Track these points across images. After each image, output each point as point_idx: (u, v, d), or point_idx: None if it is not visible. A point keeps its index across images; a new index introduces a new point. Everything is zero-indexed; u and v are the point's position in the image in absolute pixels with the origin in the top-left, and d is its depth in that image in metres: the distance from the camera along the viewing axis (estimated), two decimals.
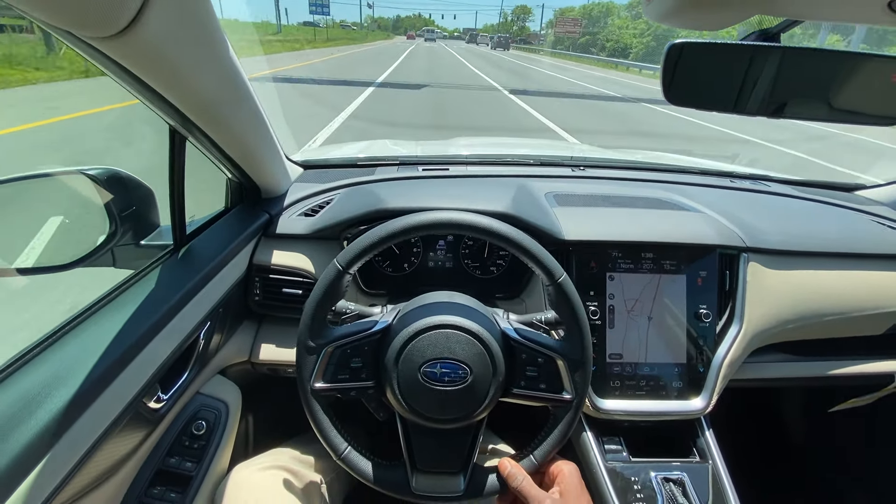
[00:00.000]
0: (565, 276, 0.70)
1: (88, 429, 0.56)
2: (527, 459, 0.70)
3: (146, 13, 0.44)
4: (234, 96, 0.70)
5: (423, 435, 0.68)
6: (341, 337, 0.69)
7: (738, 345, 0.94)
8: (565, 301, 0.69)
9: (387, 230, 0.68)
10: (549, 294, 0.72)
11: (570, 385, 0.69)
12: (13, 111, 6.10)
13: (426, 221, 0.69)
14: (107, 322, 0.65)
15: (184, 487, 0.77)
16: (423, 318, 0.67)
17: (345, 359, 0.68)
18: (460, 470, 0.69)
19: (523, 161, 1.34)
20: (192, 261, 0.82)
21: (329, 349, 0.68)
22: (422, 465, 0.69)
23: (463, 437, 0.69)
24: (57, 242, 0.85)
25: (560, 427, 0.70)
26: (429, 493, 0.68)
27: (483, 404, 0.65)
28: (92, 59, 0.48)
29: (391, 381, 0.65)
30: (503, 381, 0.67)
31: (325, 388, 0.68)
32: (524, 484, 0.67)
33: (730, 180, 1.35)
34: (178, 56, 0.53)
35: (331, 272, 0.68)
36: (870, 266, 1.06)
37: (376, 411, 0.76)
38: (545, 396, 0.70)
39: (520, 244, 0.69)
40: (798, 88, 0.67)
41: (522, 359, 0.69)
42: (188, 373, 0.78)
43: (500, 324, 0.71)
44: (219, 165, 0.89)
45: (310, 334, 0.68)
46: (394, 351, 0.65)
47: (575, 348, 0.70)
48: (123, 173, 0.85)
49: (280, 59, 17.77)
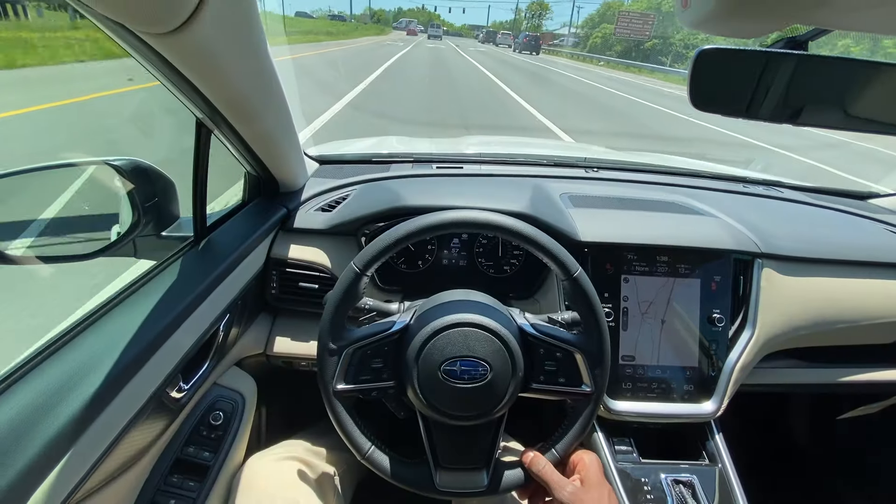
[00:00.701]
0: (581, 270, 0.70)
1: (115, 418, 0.57)
2: (549, 453, 0.70)
3: (202, 12, 0.44)
4: (266, 93, 0.71)
5: (444, 432, 0.69)
6: (361, 338, 0.69)
7: (750, 350, 0.95)
8: (582, 295, 0.70)
9: (403, 231, 0.69)
10: (565, 289, 0.72)
11: (590, 378, 0.70)
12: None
13: (441, 221, 0.69)
14: (131, 313, 0.66)
15: (201, 477, 0.78)
16: (441, 317, 0.67)
17: (365, 360, 0.69)
18: (483, 465, 0.70)
19: (537, 161, 1.35)
20: (212, 253, 0.83)
21: (349, 351, 0.68)
22: (444, 461, 0.69)
23: (485, 433, 0.70)
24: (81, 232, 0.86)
25: (581, 420, 0.71)
26: (453, 488, 0.69)
27: (503, 400, 0.66)
28: (138, 54, 0.49)
29: (412, 381, 0.66)
30: (522, 377, 0.67)
31: (346, 389, 0.68)
32: (545, 469, 0.67)
33: (743, 185, 1.35)
34: (224, 54, 0.54)
35: (349, 275, 0.69)
36: (882, 275, 1.07)
37: (397, 410, 0.76)
38: (565, 390, 0.70)
39: (535, 240, 0.69)
40: (815, 94, 0.67)
41: (541, 354, 0.70)
42: (208, 364, 0.79)
43: (517, 320, 0.72)
44: (239, 159, 0.90)
45: (330, 336, 0.68)
46: (413, 350, 0.66)
47: (593, 342, 0.70)
48: (146, 164, 0.86)
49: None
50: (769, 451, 1.56)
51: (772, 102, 0.66)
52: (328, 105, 7.28)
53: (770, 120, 0.69)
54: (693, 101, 0.65)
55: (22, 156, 3.55)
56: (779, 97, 0.65)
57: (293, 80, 8.92)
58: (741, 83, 0.67)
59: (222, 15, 0.48)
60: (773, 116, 0.67)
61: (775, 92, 0.65)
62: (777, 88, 0.65)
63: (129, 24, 0.42)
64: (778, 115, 0.67)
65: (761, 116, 0.67)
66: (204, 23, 0.46)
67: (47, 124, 4.79)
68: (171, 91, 0.61)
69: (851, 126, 0.69)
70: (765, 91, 0.65)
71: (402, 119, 7.39)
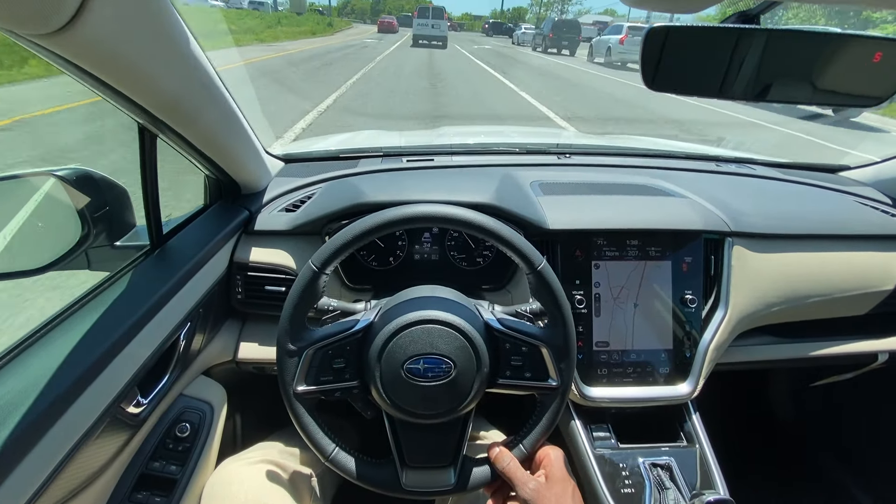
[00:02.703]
0: (545, 263, 0.69)
1: (63, 436, 0.55)
2: (516, 448, 0.70)
3: (89, 7, 0.41)
4: (201, 91, 0.68)
5: (410, 431, 0.68)
6: (322, 338, 0.68)
7: (724, 329, 0.95)
8: (546, 288, 0.69)
9: (360, 228, 0.67)
10: (530, 282, 0.71)
11: (556, 372, 0.69)
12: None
13: (400, 216, 0.67)
14: (80, 326, 0.63)
15: (168, 491, 0.76)
16: (405, 314, 0.66)
17: (327, 360, 0.68)
18: (450, 463, 0.69)
19: (509, 150, 1.33)
20: (169, 261, 0.80)
21: (310, 352, 0.67)
22: (411, 461, 0.68)
23: (451, 431, 0.69)
24: (28, 246, 0.83)
25: (548, 415, 0.70)
26: (420, 488, 0.68)
27: (468, 397, 0.65)
28: (41, 55, 0.46)
29: (375, 380, 0.65)
30: (488, 373, 0.67)
31: (308, 391, 0.67)
32: (510, 466, 0.67)
33: (715, 164, 1.34)
34: (133, 52, 0.51)
35: (306, 274, 0.67)
36: (854, 247, 1.07)
37: (363, 410, 0.75)
38: (531, 385, 0.70)
39: (497, 233, 0.68)
40: (782, 70, 0.66)
41: (507, 349, 0.69)
42: (169, 375, 0.77)
43: (483, 315, 0.71)
44: (194, 162, 0.87)
45: (289, 337, 0.67)
46: (376, 349, 0.65)
47: (558, 335, 0.69)
48: (95, 173, 0.82)
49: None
50: (747, 430, 1.58)
51: (742, 80, 0.65)
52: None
53: (739, 98, 0.68)
54: (647, 81, 0.64)
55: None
56: (748, 74, 0.64)
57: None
58: (706, 61, 0.66)
59: (116, 8, 0.45)
60: (744, 94, 0.67)
61: (745, 69, 0.64)
62: (746, 65, 0.64)
63: (12, 28, 0.39)
64: (748, 92, 0.67)
65: (731, 95, 0.66)
66: (94, 18, 0.43)
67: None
68: (100, 96, 0.58)
69: (819, 99, 0.69)
70: (736, 69, 0.64)
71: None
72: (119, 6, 0.45)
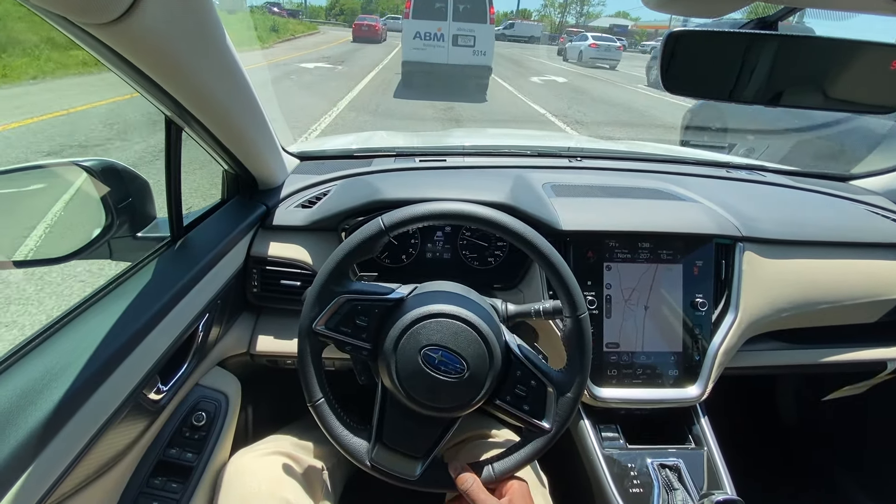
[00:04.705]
0: (587, 314, 0.70)
1: (88, 421, 0.57)
2: (486, 469, 0.69)
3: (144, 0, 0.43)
4: (231, 86, 0.70)
5: (397, 411, 0.69)
6: (357, 292, 0.69)
7: (734, 333, 0.95)
8: (580, 337, 0.69)
9: (435, 208, 0.69)
10: (564, 326, 0.71)
11: (553, 416, 0.69)
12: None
13: (481, 215, 0.68)
14: (105, 314, 0.65)
15: (185, 478, 0.78)
16: (442, 304, 0.67)
17: (352, 314, 0.69)
18: (421, 456, 0.69)
19: (520, 152, 1.34)
20: (189, 253, 0.82)
21: (342, 299, 0.68)
22: (387, 439, 0.69)
23: (434, 428, 0.69)
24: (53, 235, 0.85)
25: (529, 450, 0.70)
26: (384, 467, 0.68)
27: (467, 403, 0.66)
28: (87, 46, 0.48)
29: (389, 350, 0.65)
30: (491, 390, 0.67)
31: (324, 332, 0.68)
32: (473, 487, 0.67)
33: (725, 171, 1.35)
34: (177, 44, 0.52)
35: (373, 227, 0.68)
36: (864, 255, 1.07)
37: (359, 374, 0.75)
38: (525, 419, 0.69)
39: (556, 268, 0.69)
40: (795, 76, 0.66)
41: (517, 376, 0.69)
42: (187, 364, 0.78)
43: (505, 336, 0.71)
44: (215, 157, 0.88)
45: (331, 278, 0.68)
46: (403, 324, 0.65)
47: (570, 384, 0.70)
48: (119, 164, 0.84)
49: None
50: (755, 434, 1.58)
51: (754, 85, 0.65)
52: None
53: (751, 102, 0.68)
54: (666, 84, 0.65)
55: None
56: (761, 79, 0.65)
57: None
58: (720, 65, 0.67)
59: (169, 1, 0.47)
60: (755, 99, 0.67)
61: (758, 74, 0.64)
62: (759, 70, 0.64)
63: (70, 16, 0.41)
64: (760, 97, 0.67)
65: (743, 99, 0.67)
66: (148, 10, 0.45)
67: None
68: (135, 88, 0.60)
69: (832, 106, 0.69)
70: (748, 74, 0.65)
71: None
72: (169, 1, 0.47)
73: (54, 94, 6.56)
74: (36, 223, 0.82)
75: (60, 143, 4.53)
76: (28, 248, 0.83)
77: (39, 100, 6.17)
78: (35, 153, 4.21)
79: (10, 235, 0.81)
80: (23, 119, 5.15)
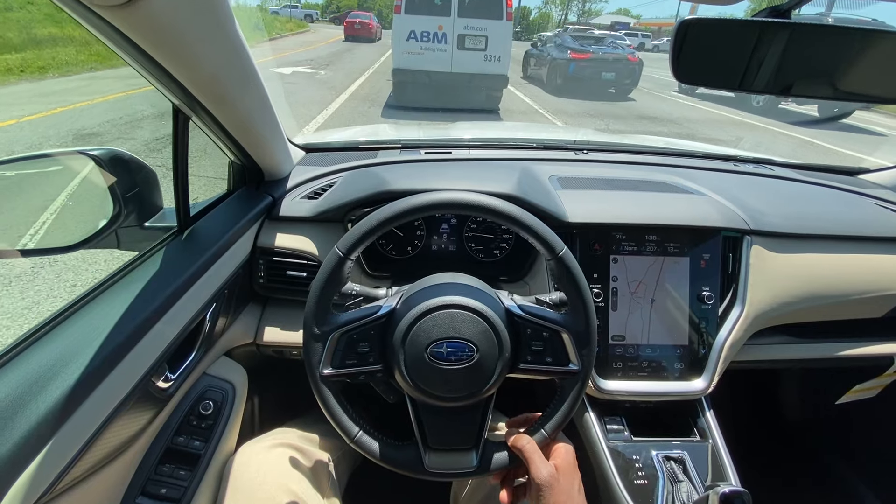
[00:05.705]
0: (566, 249, 0.69)
1: (98, 407, 0.57)
2: (538, 433, 0.70)
3: None
4: (240, 75, 0.69)
5: (433, 414, 0.69)
6: (347, 323, 0.69)
7: (740, 327, 0.95)
8: (567, 274, 0.69)
9: (387, 213, 0.68)
10: (550, 269, 0.71)
11: (577, 357, 0.70)
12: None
13: (425, 202, 0.68)
14: (113, 303, 0.65)
15: (192, 466, 0.78)
16: (428, 300, 0.67)
17: (352, 344, 0.69)
18: (472, 446, 0.70)
19: (527, 145, 1.34)
20: (196, 243, 0.82)
21: (335, 335, 0.68)
22: (434, 443, 0.69)
23: (473, 414, 0.69)
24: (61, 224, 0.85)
25: (569, 399, 0.70)
26: (442, 469, 0.69)
27: (490, 381, 0.66)
28: (98, 31, 0.48)
29: (399, 363, 0.66)
30: (509, 358, 0.67)
31: (333, 373, 0.68)
32: (528, 446, 0.67)
33: (733, 164, 1.34)
34: (186, 30, 0.52)
35: (332, 259, 0.68)
36: (872, 249, 1.07)
37: (386, 394, 0.76)
38: (552, 370, 0.70)
39: (520, 220, 0.68)
40: (808, 65, 0.65)
41: (528, 334, 0.70)
42: (195, 353, 0.79)
43: (503, 301, 0.71)
44: (222, 147, 0.88)
45: (316, 321, 0.68)
46: (400, 333, 0.66)
47: (579, 321, 0.70)
48: (125, 154, 0.84)
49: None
50: (760, 427, 1.58)
51: (766, 74, 0.64)
52: None
53: (762, 92, 0.68)
54: (676, 73, 0.64)
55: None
56: (772, 68, 0.64)
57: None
58: (731, 55, 0.66)
59: None
60: (766, 88, 0.66)
61: (768, 63, 0.63)
62: (770, 59, 0.63)
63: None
64: (771, 86, 0.66)
65: (754, 88, 0.66)
66: None
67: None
68: (143, 76, 0.60)
69: (844, 96, 0.67)
70: (758, 63, 0.64)
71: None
72: None
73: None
74: (42, 212, 0.82)
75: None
76: (36, 236, 0.83)
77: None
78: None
79: (17, 224, 0.81)
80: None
